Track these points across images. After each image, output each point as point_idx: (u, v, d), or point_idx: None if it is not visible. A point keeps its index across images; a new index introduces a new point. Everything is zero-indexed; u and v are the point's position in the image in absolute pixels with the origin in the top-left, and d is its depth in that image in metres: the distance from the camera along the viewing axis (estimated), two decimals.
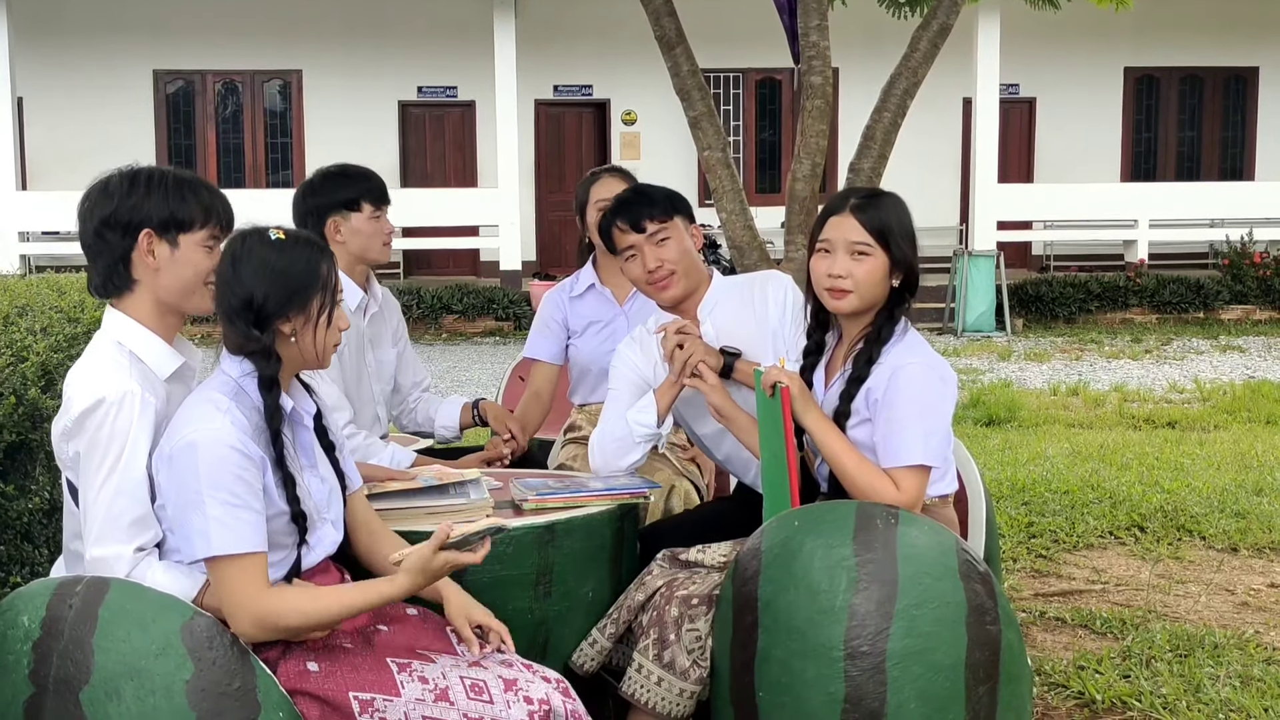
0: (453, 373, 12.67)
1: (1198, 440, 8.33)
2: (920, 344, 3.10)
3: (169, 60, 18.66)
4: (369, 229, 3.81)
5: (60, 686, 2.29)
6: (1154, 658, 4.26)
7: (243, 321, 2.59)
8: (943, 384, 3.03)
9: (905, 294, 3.13)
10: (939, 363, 3.07)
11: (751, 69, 19.18)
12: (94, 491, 2.55)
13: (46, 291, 5.26)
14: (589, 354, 4.24)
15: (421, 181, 19.03)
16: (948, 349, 14.28)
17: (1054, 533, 5.85)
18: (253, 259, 2.60)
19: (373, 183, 3.87)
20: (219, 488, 2.46)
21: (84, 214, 2.73)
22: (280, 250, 2.62)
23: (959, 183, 19.27)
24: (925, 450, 2.96)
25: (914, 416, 2.97)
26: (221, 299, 2.62)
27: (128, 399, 2.56)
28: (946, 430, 3.03)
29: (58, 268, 14.56)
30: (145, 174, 2.76)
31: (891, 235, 3.09)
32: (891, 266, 3.09)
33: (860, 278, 3.09)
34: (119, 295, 2.74)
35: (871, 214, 3.10)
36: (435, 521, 3.04)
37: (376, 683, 2.55)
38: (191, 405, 2.57)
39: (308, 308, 2.63)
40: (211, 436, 2.48)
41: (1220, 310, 16.72)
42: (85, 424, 2.55)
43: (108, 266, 2.72)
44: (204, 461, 2.47)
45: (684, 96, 5.09)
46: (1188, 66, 19.93)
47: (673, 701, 2.97)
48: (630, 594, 3.14)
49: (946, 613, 2.67)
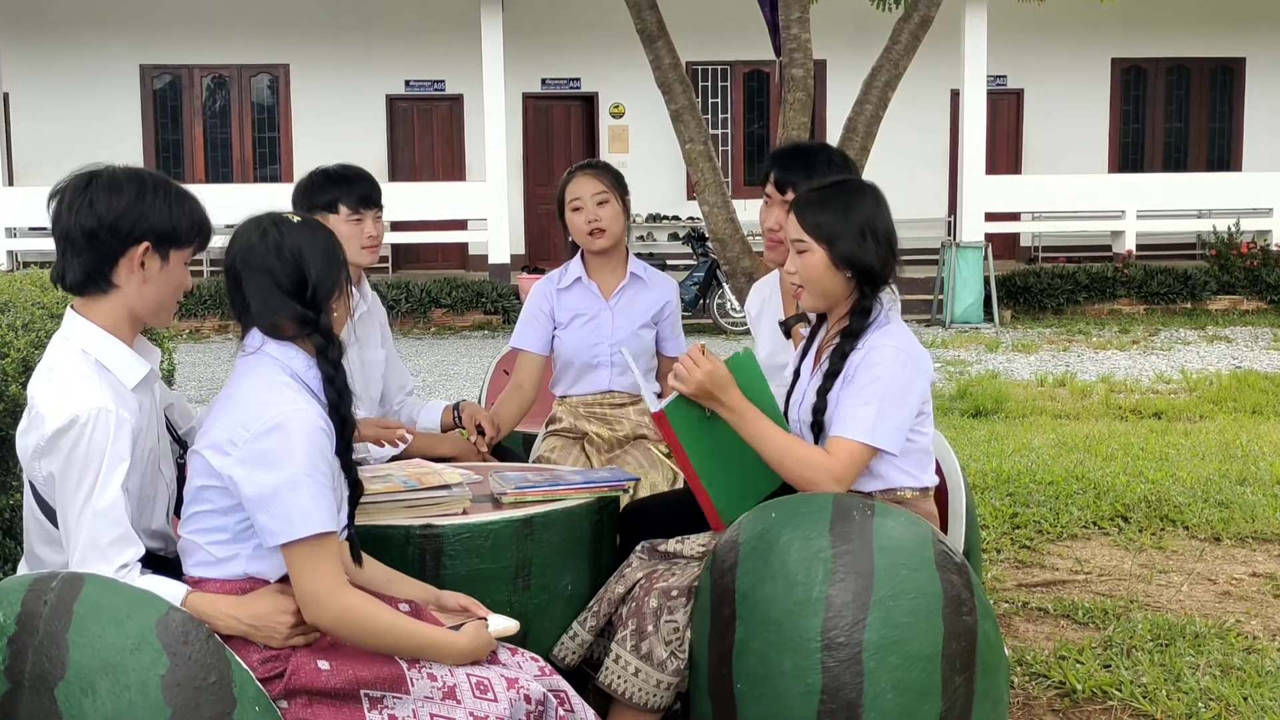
0: (441, 366, 12.66)
1: (1183, 430, 8.35)
2: (899, 331, 3.09)
3: (156, 55, 18.62)
4: (345, 231, 3.79)
5: (36, 682, 2.29)
6: (1135, 647, 4.27)
7: (297, 304, 2.59)
8: (912, 371, 3.02)
9: (866, 288, 3.09)
10: (916, 350, 3.06)
11: (739, 61, 19.18)
12: (74, 515, 2.50)
13: (30, 287, 5.24)
14: (573, 346, 4.25)
15: (409, 175, 19.01)
16: (936, 340, 14.31)
17: (1038, 523, 5.87)
18: (294, 242, 2.59)
19: (354, 186, 3.87)
20: (315, 468, 2.47)
21: (79, 206, 2.61)
22: (311, 230, 2.64)
23: (947, 174, 19.31)
24: (873, 430, 2.95)
25: (871, 394, 2.97)
26: (266, 288, 2.59)
27: (101, 417, 2.50)
28: (904, 419, 3.00)
29: (44, 264, 14.52)
30: (151, 181, 2.68)
31: (828, 231, 3.06)
32: (834, 262, 3.07)
33: (804, 274, 3.10)
34: (90, 296, 2.66)
35: (806, 211, 3.10)
36: (413, 514, 3.05)
37: (386, 679, 2.55)
38: (261, 388, 2.54)
39: (343, 283, 2.68)
40: (301, 416, 2.49)
41: (1207, 301, 16.75)
42: (59, 443, 2.49)
43: (91, 267, 2.62)
44: (299, 442, 2.46)
45: (666, 89, 5.10)
46: (1175, 57, 19.96)
47: (650, 692, 2.98)
48: (610, 586, 3.15)
49: (923, 603, 2.68)
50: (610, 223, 4.14)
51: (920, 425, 3.11)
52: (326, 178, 3.88)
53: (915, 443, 3.11)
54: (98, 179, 2.65)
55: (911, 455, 3.12)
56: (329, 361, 2.59)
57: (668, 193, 18.90)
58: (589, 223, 4.13)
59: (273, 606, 2.54)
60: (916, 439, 3.11)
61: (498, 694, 2.60)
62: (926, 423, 3.15)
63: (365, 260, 3.90)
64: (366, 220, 3.86)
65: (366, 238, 3.87)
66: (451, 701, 2.56)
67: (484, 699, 2.58)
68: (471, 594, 2.93)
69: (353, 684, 2.52)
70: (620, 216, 4.17)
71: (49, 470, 2.53)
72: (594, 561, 3.23)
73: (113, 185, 2.63)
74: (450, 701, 2.56)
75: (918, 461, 3.15)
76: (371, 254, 3.91)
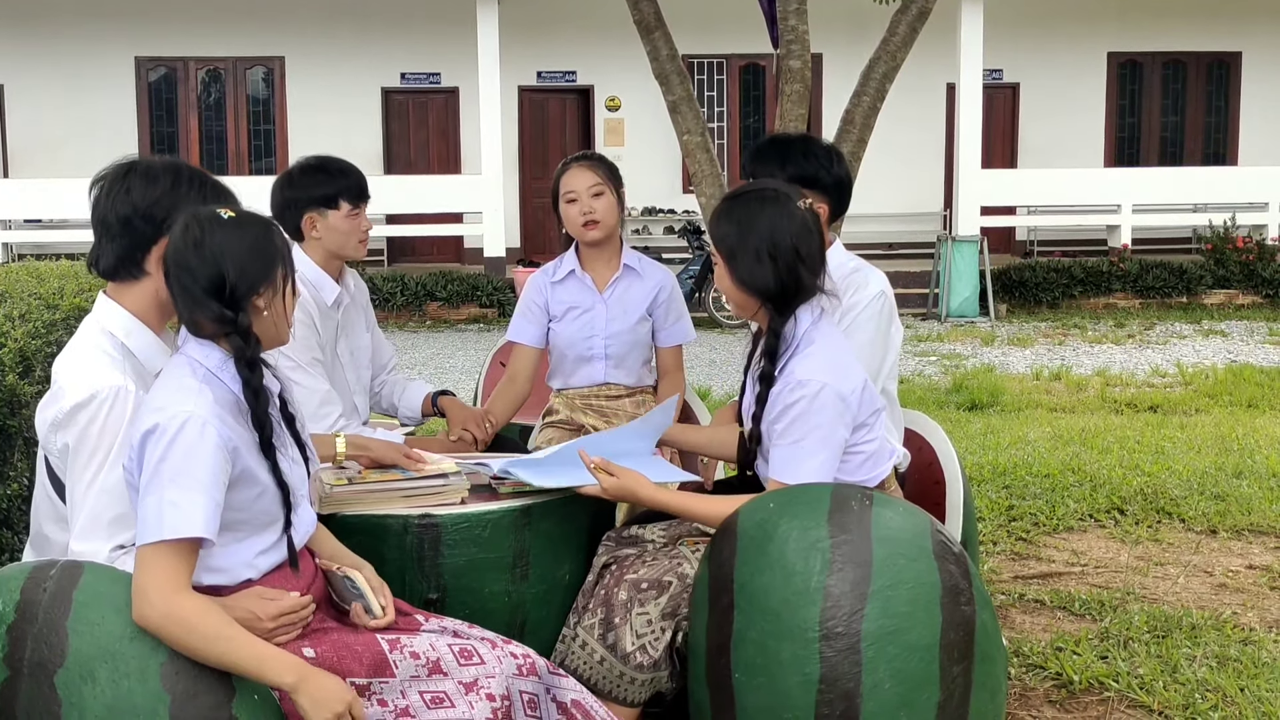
0: (436, 359, 12.66)
1: (1179, 424, 8.36)
2: (821, 352, 2.97)
3: (151, 47, 18.58)
4: (345, 226, 3.78)
5: (35, 670, 2.29)
6: (1131, 639, 4.28)
7: (216, 303, 2.53)
8: (831, 402, 2.92)
9: (774, 309, 2.98)
10: (837, 373, 2.95)
11: (735, 54, 19.16)
12: (82, 487, 2.54)
13: (26, 279, 5.24)
14: (567, 339, 4.24)
15: (405, 168, 18.98)
16: (931, 334, 14.31)
17: (1034, 516, 5.88)
18: (215, 239, 2.53)
19: (351, 180, 3.82)
20: (180, 472, 2.39)
21: (116, 193, 2.67)
22: (239, 227, 2.57)
23: (942, 168, 19.30)
24: (802, 472, 2.93)
25: (793, 436, 2.94)
26: (185, 284, 2.54)
27: (120, 395, 2.55)
28: (830, 453, 2.94)
29: (39, 255, 14.50)
30: (188, 172, 2.73)
31: (727, 246, 2.97)
32: (734, 281, 2.99)
33: (719, 284, 3.06)
34: (122, 281, 2.71)
35: (714, 219, 3.03)
36: (411, 504, 3.05)
37: (371, 665, 2.55)
38: (159, 389, 2.51)
39: (274, 279, 2.60)
40: (181, 419, 2.42)
41: (1203, 295, 16.76)
42: (77, 417, 2.54)
43: (124, 253, 2.68)
44: (169, 444, 2.40)
45: (663, 81, 5.09)
46: (1171, 51, 19.96)
47: (614, 683, 2.98)
48: (586, 581, 3.18)
49: (921, 593, 2.68)
50: (604, 215, 4.13)
51: (868, 435, 3.05)
52: (324, 172, 3.81)
53: (863, 451, 3.07)
54: (136, 168, 2.72)
55: (866, 461, 3.08)
56: (245, 364, 2.54)
57: (663, 186, 18.89)
58: (583, 214, 4.12)
59: (250, 608, 2.51)
60: (864, 448, 3.06)
61: (483, 656, 2.61)
62: (877, 425, 3.08)
63: (361, 254, 3.89)
64: (362, 214, 3.85)
65: (363, 232, 3.86)
66: (439, 675, 2.57)
67: (470, 665, 2.59)
68: (469, 583, 2.95)
69: (337, 672, 2.50)
70: (615, 209, 4.17)
71: (64, 442, 2.57)
72: (591, 551, 3.23)
73: (150, 175, 2.70)
74: (438, 676, 2.57)
75: (873, 463, 3.10)
76: (365, 247, 3.90)
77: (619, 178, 4.20)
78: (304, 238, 3.78)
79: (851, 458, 3.05)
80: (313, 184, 3.78)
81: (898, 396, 3.78)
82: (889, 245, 18.70)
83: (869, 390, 3.04)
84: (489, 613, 2.91)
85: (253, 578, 2.57)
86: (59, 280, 5.17)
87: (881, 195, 17.57)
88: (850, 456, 3.04)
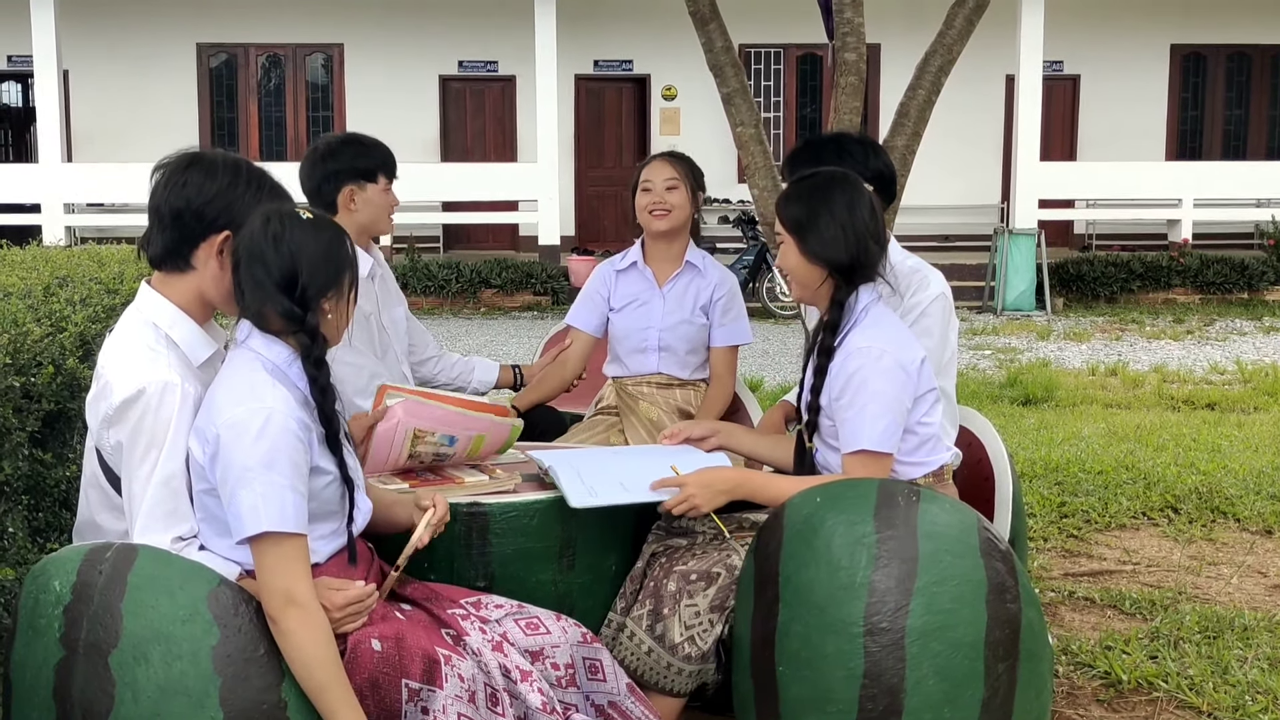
0: (490, 346, 12.72)
1: (1236, 422, 8.26)
2: (879, 324, 3.04)
3: (212, 34, 18.76)
4: (381, 200, 3.92)
5: (90, 650, 2.34)
6: (1182, 639, 4.25)
7: (286, 299, 2.57)
8: (891, 369, 2.97)
9: (840, 282, 3.05)
10: (898, 345, 3.01)
11: (792, 44, 19.08)
12: (139, 483, 2.56)
13: (87, 263, 5.32)
14: (623, 330, 4.30)
15: (461, 156, 19.05)
16: (986, 328, 14.21)
17: (1086, 513, 5.83)
18: (294, 237, 2.57)
19: (387, 155, 3.95)
20: (271, 467, 2.44)
21: (173, 185, 2.68)
22: (316, 230, 2.62)
23: (1000, 160, 19.12)
24: (871, 435, 2.95)
25: (858, 403, 2.97)
26: (258, 276, 2.57)
27: (169, 390, 2.56)
28: (894, 420, 2.98)
29: (101, 239, 14.70)
30: (247, 173, 2.74)
31: (797, 224, 3.05)
32: (805, 255, 3.06)
33: (784, 264, 3.12)
34: (168, 272, 2.73)
35: (782, 202, 3.11)
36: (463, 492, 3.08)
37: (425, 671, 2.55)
38: (234, 384, 2.54)
39: (342, 285, 2.65)
40: (265, 414, 2.47)
41: (1265, 291, 16.52)
42: (127, 414, 2.56)
43: (171, 245, 2.70)
44: (258, 439, 2.45)
45: (717, 73, 5.08)
46: (1235, 44, 19.66)
47: (660, 674, 3.00)
48: (635, 568, 3.20)
49: (966, 590, 2.68)
50: (674, 207, 4.17)
51: (925, 415, 3.09)
52: (361, 144, 3.92)
53: (919, 433, 3.10)
54: (198, 161, 2.72)
55: (923, 444, 3.11)
56: (312, 362, 2.58)
57: (718, 175, 18.81)
58: (653, 204, 4.17)
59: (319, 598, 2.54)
60: (920, 429, 3.09)
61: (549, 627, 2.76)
62: (934, 409, 3.12)
63: (390, 229, 4.02)
64: (392, 188, 3.96)
65: (394, 207, 3.99)
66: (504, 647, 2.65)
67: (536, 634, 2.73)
68: (516, 572, 2.98)
69: (398, 671, 2.54)
70: (686, 205, 4.21)
71: (117, 439, 2.60)
72: (638, 542, 3.25)
73: (209, 170, 2.70)
74: (500, 653, 2.63)
75: (931, 448, 3.14)
76: (392, 224, 4.02)
77: (699, 178, 4.27)
78: (339, 211, 3.84)
79: (909, 437, 3.08)
80: (353, 156, 3.89)
81: None
82: (945, 237, 18.57)
83: (927, 368, 3.08)
84: (535, 602, 2.93)
85: (319, 562, 2.61)
86: (119, 265, 5.24)
87: (938, 187, 17.46)
88: (908, 436, 3.07)
